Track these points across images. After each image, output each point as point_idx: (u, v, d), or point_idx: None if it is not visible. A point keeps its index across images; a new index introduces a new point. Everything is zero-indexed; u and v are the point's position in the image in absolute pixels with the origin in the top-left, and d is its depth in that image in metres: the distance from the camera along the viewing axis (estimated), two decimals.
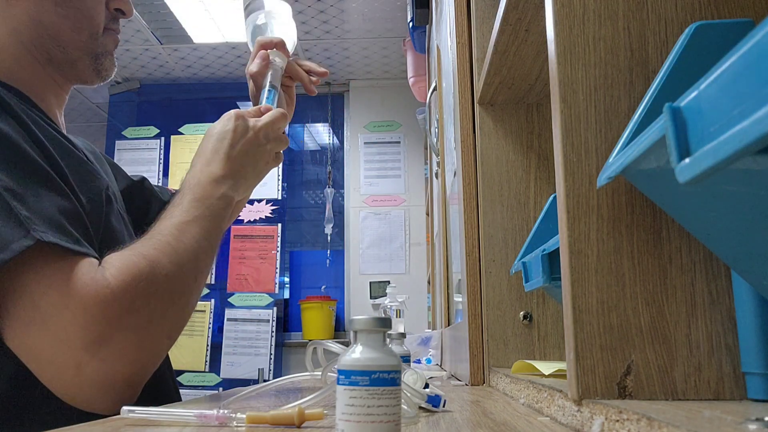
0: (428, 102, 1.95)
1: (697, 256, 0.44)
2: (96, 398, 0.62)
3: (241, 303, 3.73)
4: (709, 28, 0.38)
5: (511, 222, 0.95)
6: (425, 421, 0.55)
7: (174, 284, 0.66)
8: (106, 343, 0.61)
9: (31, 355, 0.61)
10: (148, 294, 0.63)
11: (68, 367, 0.60)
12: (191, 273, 0.69)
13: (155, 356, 0.67)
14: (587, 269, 0.44)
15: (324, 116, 4.21)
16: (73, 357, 0.60)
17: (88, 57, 0.82)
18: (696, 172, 0.25)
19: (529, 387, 0.63)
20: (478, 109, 1.00)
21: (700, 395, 0.42)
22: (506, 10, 0.74)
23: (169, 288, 0.66)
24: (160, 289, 0.65)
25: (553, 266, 0.63)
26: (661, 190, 0.38)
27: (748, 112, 0.22)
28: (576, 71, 0.47)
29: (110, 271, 0.62)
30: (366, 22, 3.44)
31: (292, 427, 0.51)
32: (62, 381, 0.62)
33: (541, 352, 0.90)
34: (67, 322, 0.59)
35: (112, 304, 0.60)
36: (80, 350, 0.60)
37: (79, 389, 0.62)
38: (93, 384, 0.61)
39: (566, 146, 0.46)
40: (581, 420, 0.44)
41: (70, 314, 0.59)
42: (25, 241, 0.57)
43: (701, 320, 0.43)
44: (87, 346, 0.60)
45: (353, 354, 0.40)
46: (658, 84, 0.38)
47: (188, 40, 3.57)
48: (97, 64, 0.83)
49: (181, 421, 0.54)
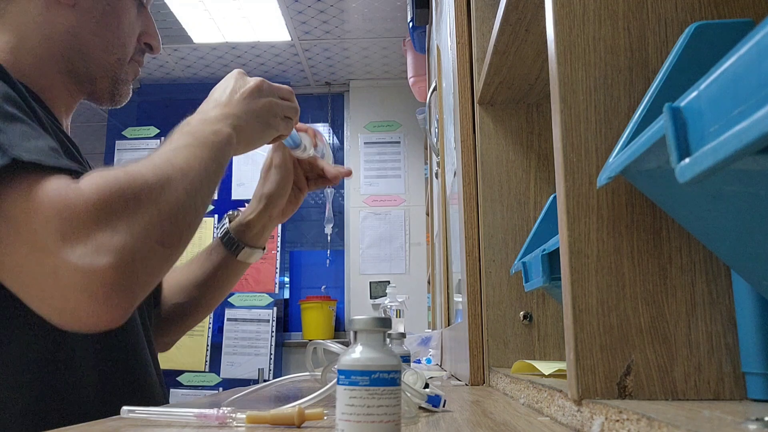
0: (428, 102, 1.95)
1: (697, 256, 0.44)
2: (84, 308, 0.57)
3: (241, 303, 3.73)
4: (709, 28, 0.38)
5: (511, 222, 0.95)
6: (425, 421, 0.55)
7: (157, 192, 0.61)
8: (81, 241, 0.56)
9: (13, 275, 0.58)
10: (125, 197, 0.59)
11: (46, 276, 0.56)
12: (179, 185, 0.64)
13: (145, 260, 0.59)
14: (587, 269, 0.44)
15: (324, 116, 4.21)
16: (49, 262, 0.55)
17: (109, 79, 0.84)
18: (696, 172, 0.25)
19: (529, 387, 0.63)
20: (478, 109, 1.00)
21: (700, 395, 0.42)
22: (506, 10, 0.74)
23: (151, 194, 0.61)
24: (140, 194, 0.60)
25: (553, 266, 0.63)
26: (661, 190, 0.38)
27: (748, 112, 0.22)
28: (576, 71, 0.47)
29: (85, 179, 0.59)
30: (366, 22, 3.44)
31: (292, 427, 0.51)
32: (44, 294, 0.57)
33: (541, 352, 0.90)
34: (38, 226, 0.55)
35: (85, 205, 0.56)
36: (54, 253, 0.55)
37: (62, 298, 0.56)
38: (75, 287, 0.56)
39: (566, 146, 0.46)
40: (581, 420, 0.44)
41: (41, 217, 0.55)
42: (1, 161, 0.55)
43: (701, 320, 0.43)
44: (60, 247, 0.55)
45: (353, 354, 0.40)
46: (658, 84, 0.38)
47: (188, 40, 3.57)
48: (115, 88, 0.85)
49: (181, 421, 0.54)
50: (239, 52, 3.76)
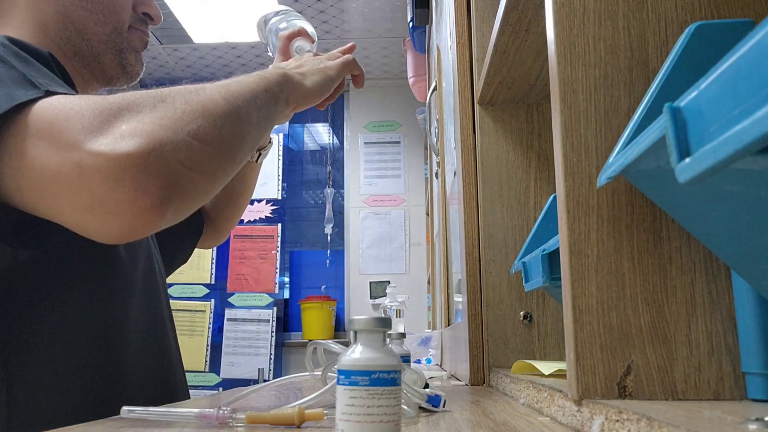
0: (428, 102, 1.95)
1: (697, 256, 0.44)
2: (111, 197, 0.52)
3: (241, 303, 3.73)
4: (709, 28, 0.38)
5: (511, 222, 0.95)
6: (425, 421, 0.55)
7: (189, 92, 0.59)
8: (104, 132, 0.53)
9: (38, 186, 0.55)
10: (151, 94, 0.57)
11: (70, 171, 0.52)
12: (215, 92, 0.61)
13: (176, 149, 0.54)
14: (587, 269, 0.44)
15: (324, 116, 4.21)
16: (73, 156, 0.52)
17: (112, 51, 0.83)
18: (696, 172, 0.25)
19: (529, 387, 0.63)
20: (478, 109, 1.00)
21: (700, 395, 0.42)
22: (506, 10, 0.74)
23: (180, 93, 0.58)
24: (169, 93, 0.58)
25: (553, 266, 0.63)
26: (661, 190, 0.38)
27: (748, 112, 0.22)
28: (576, 71, 0.47)
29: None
30: (366, 22, 3.44)
31: (292, 427, 0.51)
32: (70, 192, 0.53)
33: (541, 352, 0.90)
34: (62, 127, 0.53)
35: (109, 103, 0.55)
36: (77, 146, 0.52)
37: (88, 190, 0.52)
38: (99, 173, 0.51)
39: (566, 146, 0.46)
40: (581, 420, 0.44)
41: (63, 117, 0.54)
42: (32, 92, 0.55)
43: (701, 320, 0.43)
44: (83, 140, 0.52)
45: (353, 354, 0.40)
46: (658, 84, 0.38)
47: (188, 40, 3.57)
48: (121, 58, 0.84)
49: (181, 421, 0.54)
50: (239, 52, 3.76)
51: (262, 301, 3.73)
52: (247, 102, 0.64)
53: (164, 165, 0.53)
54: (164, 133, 0.54)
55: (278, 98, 0.70)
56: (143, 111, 0.55)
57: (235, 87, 0.64)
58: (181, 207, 0.56)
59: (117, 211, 0.52)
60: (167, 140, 0.54)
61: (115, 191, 0.52)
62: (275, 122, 0.71)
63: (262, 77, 0.69)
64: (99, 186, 0.52)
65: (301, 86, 0.75)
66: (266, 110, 0.68)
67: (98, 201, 0.52)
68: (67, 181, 0.53)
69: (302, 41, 0.94)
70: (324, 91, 0.80)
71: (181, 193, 0.55)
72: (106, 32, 0.82)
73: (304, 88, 0.76)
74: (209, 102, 0.59)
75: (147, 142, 0.53)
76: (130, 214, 0.52)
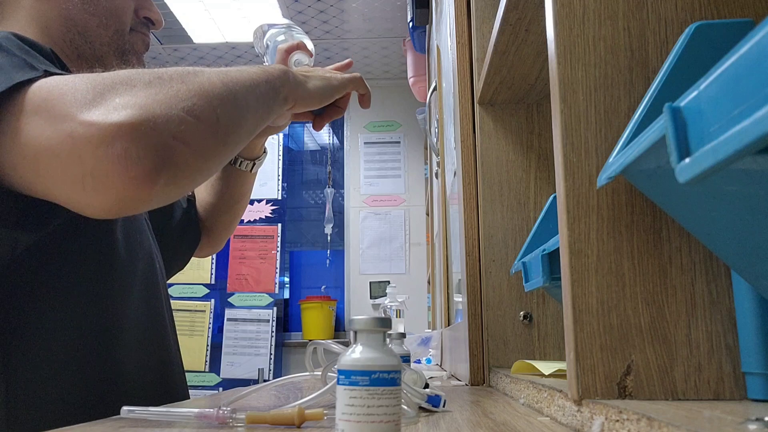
0: (428, 102, 1.95)
1: (697, 256, 0.44)
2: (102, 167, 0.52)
3: (241, 303, 3.73)
4: (709, 28, 0.38)
5: (511, 222, 0.95)
6: (425, 421, 0.55)
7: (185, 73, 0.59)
8: (97, 104, 0.53)
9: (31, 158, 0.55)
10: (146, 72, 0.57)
11: (62, 141, 0.53)
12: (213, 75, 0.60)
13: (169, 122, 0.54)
14: (587, 269, 0.44)
15: None
16: (65, 127, 0.53)
17: (114, 53, 0.84)
18: (696, 172, 0.25)
19: (529, 387, 0.63)
20: (478, 109, 1.00)
21: (700, 395, 0.42)
22: (506, 10, 0.74)
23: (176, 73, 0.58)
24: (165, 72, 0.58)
25: (553, 266, 0.63)
26: (661, 190, 0.38)
27: (748, 112, 0.22)
28: (576, 71, 0.47)
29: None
30: (366, 22, 3.44)
31: (292, 427, 0.51)
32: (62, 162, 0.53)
33: (541, 352, 0.90)
34: (56, 101, 0.54)
35: (103, 79, 0.55)
36: (70, 117, 0.52)
37: (79, 160, 0.52)
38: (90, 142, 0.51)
39: (566, 146, 0.46)
40: (581, 420, 0.44)
41: (57, 92, 0.54)
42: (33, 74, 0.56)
43: (701, 320, 0.43)
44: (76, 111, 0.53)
45: (353, 354, 0.40)
46: (658, 84, 0.38)
47: (188, 40, 3.57)
48: (124, 60, 0.85)
49: (181, 421, 0.54)
50: (239, 52, 3.76)
51: (262, 301, 3.73)
52: (245, 88, 0.64)
53: (156, 136, 0.53)
54: (158, 106, 0.54)
55: (278, 92, 0.70)
56: (138, 86, 0.55)
57: (235, 73, 0.64)
58: (172, 182, 0.55)
59: (107, 181, 0.52)
60: (161, 113, 0.54)
61: (105, 160, 0.52)
62: (272, 115, 0.71)
63: (263, 69, 0.69)
64: (90, 155, 0.52)
65: (302, 86, 0.75)
66: (264, 101, 0.68)
67: (89, 172, 0.52)
68: (59, 152, 0.53)
69: (301, 54, 0.94)
70: (324, 98, 0.79)
71: (172, 166, 0.54)
72: (108, 35, 0.83)
73: (305, 89, 0.76)
74: (207, 83, 0.59)
75: (140, 113, 0.53)
76: (120, 184, 0.52)
